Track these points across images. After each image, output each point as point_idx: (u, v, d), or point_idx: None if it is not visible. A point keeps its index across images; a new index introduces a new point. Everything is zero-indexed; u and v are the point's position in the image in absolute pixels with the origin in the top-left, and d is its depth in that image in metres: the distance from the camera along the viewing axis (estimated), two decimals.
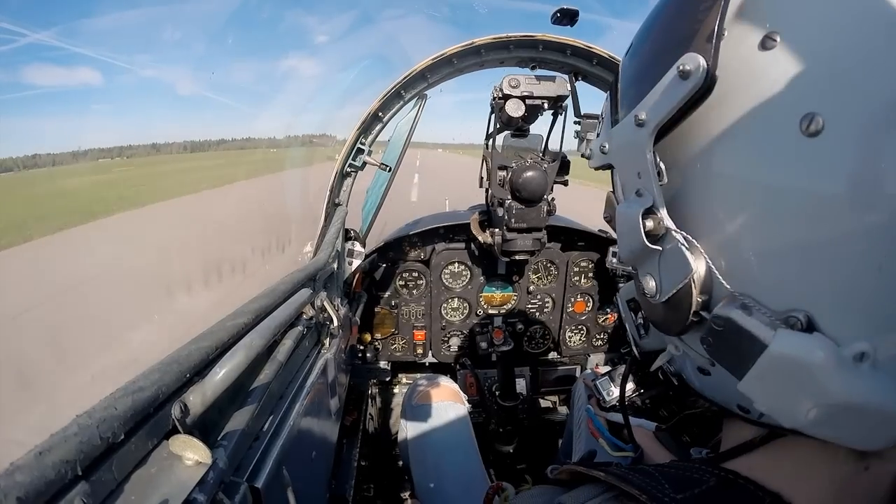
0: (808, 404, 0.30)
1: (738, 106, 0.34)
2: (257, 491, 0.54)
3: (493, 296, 1.88)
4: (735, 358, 0.35)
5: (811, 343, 0.30)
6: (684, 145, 0.39)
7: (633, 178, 0.43)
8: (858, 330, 0.29)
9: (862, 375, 0.29)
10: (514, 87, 1.28)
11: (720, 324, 0.36)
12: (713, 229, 0.37)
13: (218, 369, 0.49)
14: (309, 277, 0.92)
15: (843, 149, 0.28)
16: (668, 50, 0.38)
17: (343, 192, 1.41)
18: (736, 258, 0.35)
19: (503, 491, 0.96)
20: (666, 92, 0.37)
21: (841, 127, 0.28)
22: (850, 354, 0.29)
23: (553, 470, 0.53)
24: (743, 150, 0.34)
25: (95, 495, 0.35)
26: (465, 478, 1.24)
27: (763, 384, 0.33)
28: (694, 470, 0.39)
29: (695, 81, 0.34)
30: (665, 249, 0.40)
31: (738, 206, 0.35)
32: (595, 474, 0.43)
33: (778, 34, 0.32)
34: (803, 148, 0.30)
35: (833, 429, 0.31)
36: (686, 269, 0.37)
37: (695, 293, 0.37)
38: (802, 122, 0.29)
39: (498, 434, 1.77)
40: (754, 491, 0.36)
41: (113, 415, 0.37)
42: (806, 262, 0.31)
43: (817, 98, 0.30)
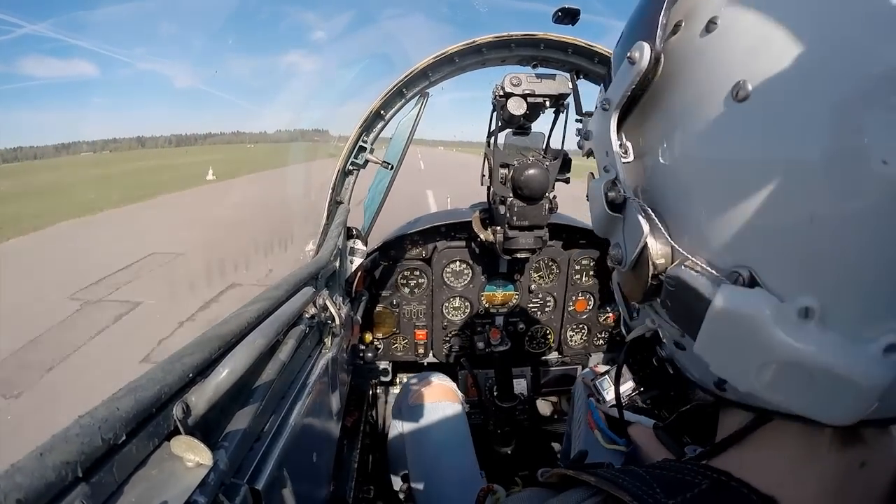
0: (755, 362, 0.31)
1: (683, 84, 0.38)
2: (258, 493, 0.54)
3: (495, 295, 1.88)
4: (689, 319, 0.37)
5: (752, 297, 0.31)
6: (645, 124, 0.43)
7: (603, 156, 0.47)
8: (802, 285, 0.30)
9: (808, 333, 0.29)
10: (516, 85, 1.28)
11: (672, 284, 0.38)
12: (668, 196, 0.40)
13: (221, 369, 0.49)
14: (311, 276, 0.92)
15: (766, 113, 0.31)
16: (627, 42, 0.42)
17: (345, 190, 1.40)
18: (687, 220, 0.38)
19: (494, 493, 0.96)
20: (621, 77, 0.42)
21: (766, 91, 0.31)
22: (793, 310, 0.29)
23: (543, 473, 0.53)
24: (688, 122, 0.37)
25: (96, 497, 0.34)
26: (460, 478, 1.24)
27: (713, 344, 0.34)
28: (686, 471, 0.39)
29: (640, 66, 0.39)
30: (625, 217, 0.44)
31: (684, 173, 0.38)
32: (584, 478, 0.43)
33: (719, 18, 0.35)
34: (735, 113, 0.33)
35: (787, 394, 0.31)
36: (640, 233, 0.40)
37: (651, 255, 0.40)
38: (733, 90, 0.32)
39: (496, 435, 1.77)
40: (748, 494, 0.35)
41: (115, 415, 0.36)
42: (745, 220, 0.32)
43: (745, 68, 0.32)
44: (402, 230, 1.84)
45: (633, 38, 0.42)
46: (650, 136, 0.43)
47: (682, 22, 0.39)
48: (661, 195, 0.42)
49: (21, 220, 10.29)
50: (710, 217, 0.35)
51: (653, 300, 0.43)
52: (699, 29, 0.37)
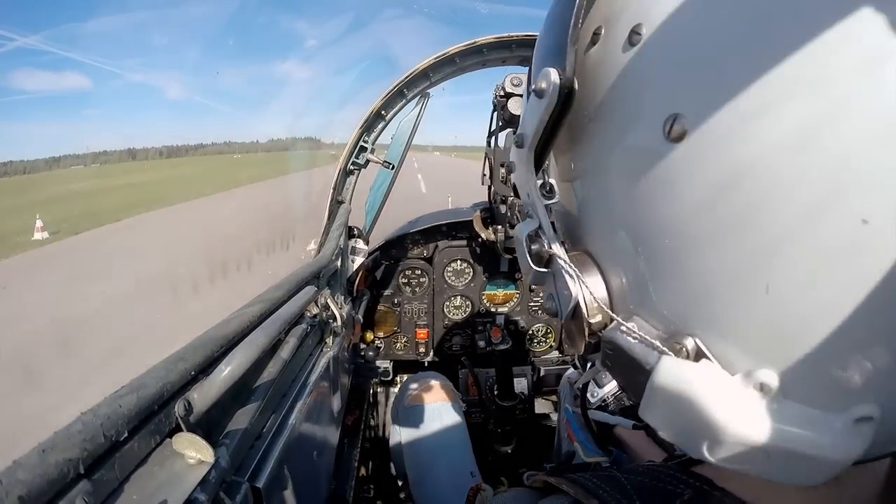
0: (705, 440, 0.27)
1: (608, 112, 0.32)
2: (258, 491, 0.54)
3: (496, 294, 1.88)
4: (630, 384, 0.33)
5: (697, 372, 0.27)
6: (568, 156, 0.37)
7: (525, 198, 0.41)
8: (757, 357, 0.26)
9: (764, 409, 0.25)
10: (517, 85, 1.28)
11: (610, 348, 0.34)
12: (602, 242, 0.35)
13: (223, 367, 0.49)
14: (313, 274, 0.92)
15: (707, 157, 0.25)
16: (536, 63, 0.36)
17: (346, 189, 1.41)
18: (625, 272, 0.33)
19: (483, 492, 0.97)
20: (531, 111, 0.35)
21: (705, 131, 0.25)
22: (746, 385, 0.26)
23: (529, 476, 0.52)
24: (615, 158, 0.31)
25: (97, 494, 0.34)
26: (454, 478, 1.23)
27: (657, 413, 0.30)
28: (669, 479, 0.37)
29: (549, 99, 0.32)
30: (554, 271, 0.38)
31: (618, 217, 0.32)
32: (564, 487, 0.41)
33: (643, 26, 0.28)
34: (668, 154, 0.26)
35: (744, 465, 0.27)
36: (570, 296, 0.36)
37: (586, 315, 0.35)
38: (665, 125, 0.26)
39: (496, 434, 1.77)
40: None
41: (117, 412, 0.36)
42: (689, 282, 0.28)
43: (679, 96, 0.26)
44: (404, 229, 1.84)
45: (538, 62, 0.35)
46: (576, 170, 0.37)
47: (601, 29, 0.32)
48: (592, 237, 0.37)
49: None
50: (649, 275, 0.31)
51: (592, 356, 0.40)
52: (621, 40, 0.30)
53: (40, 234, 10.58)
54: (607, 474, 0.40)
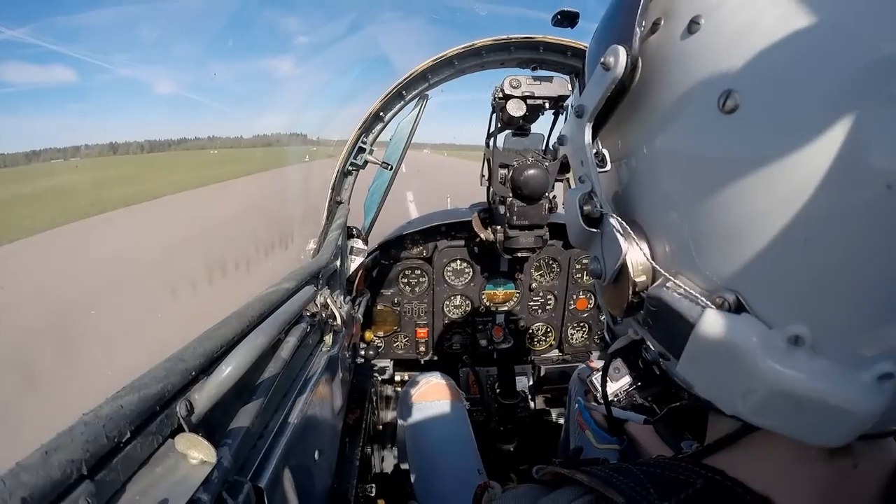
0: (741, 389, 0.30)
1: (665, 92, 0.35)
2: (260, 490, 0.54)
3: (496, 293, 1.88)
4: (671, 339, 0.35)
5: (738, 324, 0.29)
6: (623, 132, 0.41)
7: (579, 166, 0.44)
8: (792, 312, 0.28)
9: (797, 361, 0.27)
10: (516, 87, 1.28)
11: (654, 304, 0.36)
12: (651, 212, 0.38)
13: (223, 367, 0.49)
14: (312, 275, 0.92)
15: (757, 125, 0.28)
16: (602, 43, 0.39)
17: (345, 190, 1.41)
18: (671, 239, 0.36)
19: (491, 489, 0.97)
20: (595, 83, 0.39)
21: (756, 104, 0.28)
22: (782, 337, 0.28)
23: (538, 470, 0.53)
24: (670, 133, 0.35)
25: (100, 495, 0.34)
26: (459, 475, 1.24)
27: (697, 368, 0.33)
28: (681, 470, 0.38)
29: (615, 73, 0.36)
30: (603, 232, 0.41)
31: (668, 188, 0.36)
32: (577, 477, 0.42)
33: (703, 17, 0.32)
34: (721, 125, 0.30)
35: (776, 419, 0.29)
36: (619, 251, 0.38)
37: (631, 274, 0.38)
38: (720, 100, 0.30)
39: (498, 432, 1.78)
40: (742, 494, 0.35)
41: (119, 413, 0.36)
42: (732, 241, 0.30)
43: (734, 75, 0.29)
44: (403, 229, 1.84)
45: (607, 39, 0.39)
46: (629, 144, 0.40)
47: (660, 20, 0.36)
48: (640, 207, 0.39)
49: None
50: (694, 236, 0.33)
51: (635, 314, 0.42)
52: (680, 29, 0.33)
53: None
54: (619, 466, 0.42)
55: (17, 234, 10.92)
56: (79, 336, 4.84)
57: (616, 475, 0.39)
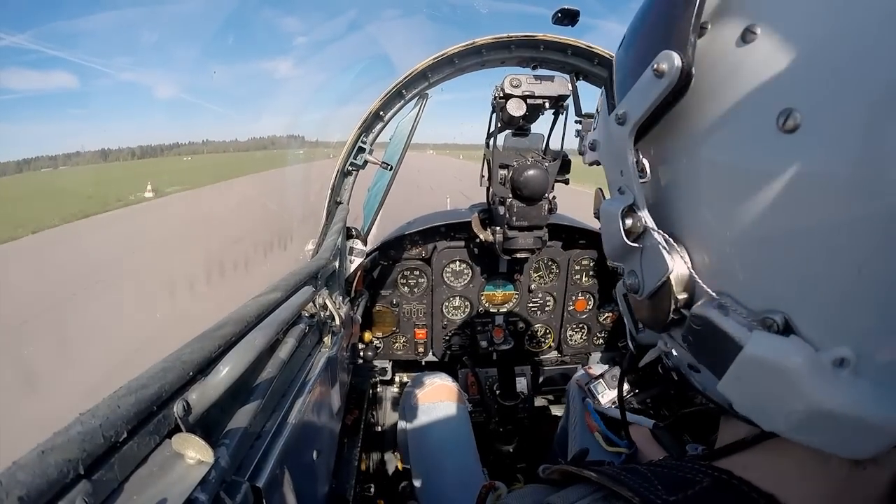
0: (785, 409, 0.30)
1: (717, 102, 0.34)
2: (258, 490, 0.54)
3: (495, 294, 1.88)
4: (714, 358, 0.35)
5: (787, 346, 0.30)
6: (667, 142, 0.39)
7: (617, 175, 0.43)
8: (839, 335, 0.28)
9: (841, 382, 0.28)
10: (516, 86, 1.28)
11: (698, 323, 0.36)
12: (694, 227, 0.37)
13: (221, 367, 0.49)
14: (311, 275, 0.92)
15: (819, 147, 0.27)
16: (649, 46, 0.37)
17: (344, 190, 1.41)
18: (716, 256, 0.35)
19: (496, 490, 0.96)
20: (643, 90, 0.37)
21: (819, 123, 0.27)
22: (828, 360, 0.28)
23: (545, 469, 0.53)
24: (722, 146, 0.34)
25: (97, 495, 0.34)
26: (463, 477, 1.24)
27: (740, 386, 0.33)
28: (687, 470, 0.39)
29: (669, 80, 0.34)
30: (645, 247, 0.40)
31: (716, 204, 0.35)
32: (586, 474, 0.43)
33: (758, 27, 0.31)
34: (780, 145, 0.29)
35: (813, 435, 0.30)
36: (663, 269, 0.37)
37: (674, 291, 0.37)
38: (779, 118, 0.29)
39: (498, 433, 1.77)
40: (748, 492, 0.35)
41: (116, 413, 0.36)
42: (783, 263, 0.30)
43: (795, 93, 0.28)
44: (402, 230, 1.84)
45: (654, 42, 0.37)
46: (675, 156, 0.38)
47: (708, 24, 0.34)
48: (683, 221, 0.38)
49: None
50: (743, 256, 0.33)
51: (671, 330, 0.41)
52: (733, 37, 0.32)
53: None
54: (626, 466, 0.42)
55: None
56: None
57: (624, 473, 0.40)
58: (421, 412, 1.39)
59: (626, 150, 0.40)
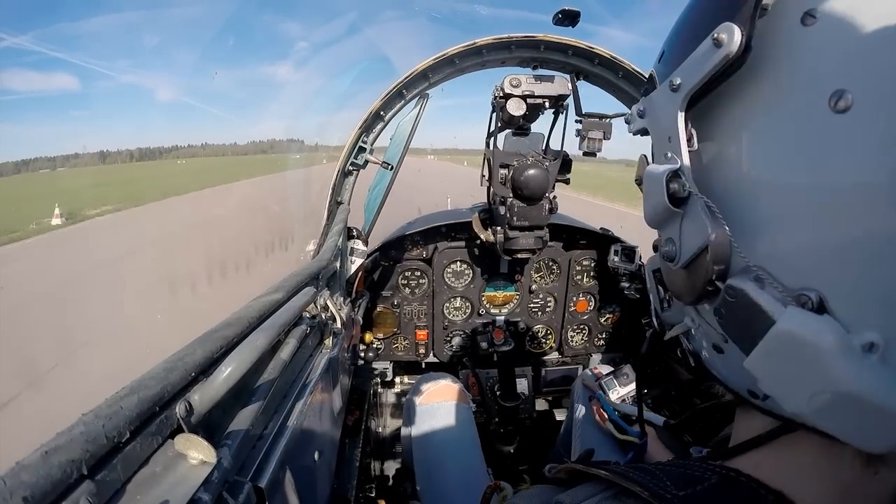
0: (811, 389, 0.30)
1: (771, 80, 0.34)
2: (261, 491, 0.54)
3: (496, 295, 1.88)
4: (745, 332, 0.35)
5: (820, 324, 0.30)
6: (717, 114, 0.39)
7: (664, 142, 0.43)
8: (871, 319, 0.29)
9: (869, 367, 0.28)
10: (516, 86, 1.28)
11: (732, 295, 0.36)
12: (736, 199, 0.37)
13: (223, 368, 0.49)
14: (312, 276, 0.92)
15: (869, 130, 0.28)
16: (709, 17, 0.38)
17: (345, 190, 1.41)
18: (755, 230, 0.35)
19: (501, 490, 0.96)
20: (700, 59, 0.37)
21: (870, 106, 0.28)
22: (858, 343, 0.28)
23: (551, 469, 0.53)
24: (772, 124, 0.34)
25: (101, 495, 0.34)
26: (467, 478, 1.24)
27: (769, 363, 0.33)
28: (696, 468, 0.39)
29: (727, 51, 0.34)
30: (686, 213, 0.40)
31: (762, 179, 0.35)
32: (595, 472, 0.43)
33: (818, 11, 0.31)
34: (830, 125, 0.30)
35: (834, 420, 0.30)
36: (703, 234, 0.37)
37: (711, 261, 0.37)
38: (832, 99, 0.29)
39: (499, 434, 1.77)
40: (756, 489, 0.35)
41: (119, 414, 0.36)
42: (824, 243, 0.30)
43: (848, 75, 0.29)
44: (403, 230, 1.84)
45: (714, 14, 0.37)
46: (724, 129, 0.39)
47: (767, 5, 0.35)
48: (727, 195, 0.38)
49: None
50: (783, 231, 0.33)
51: (703, 303, 0.41)
52: (793, 19, 0.33)
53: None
54: (634, 465, 0.42)
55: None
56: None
57: (632, 471, 0.40)
58: (424, 412, 1.38)
59: (676, 116, 0.41)
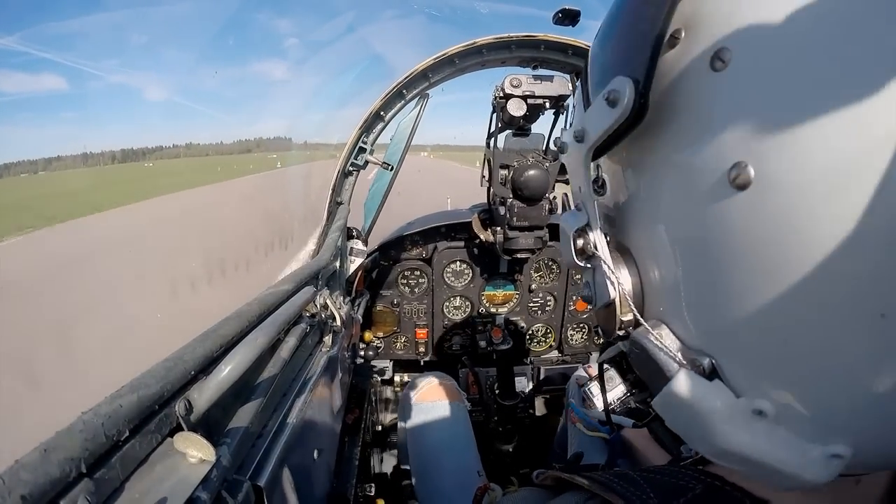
0: (706, 443, 0.32)
1: (674, 132, 0.32)
2: (260, 489, 0.54)
3: (495, 294, 1.88)
4: (648, 379, 0.37)
5: (707, 390, 0.31)
6: (623, 162, 0.39)
7: (576, 189, 0.43)
8: (762, 386, 0.29)
9: (756, 430, 0.29)
10: (516, 86, 1.28)
11: (636, 347, 0.37)
12: (644, 248, 0.38)
13: (222, 367, 0.49)
14: (312, 275, 0.92)
15: (764, 219, 0.25)
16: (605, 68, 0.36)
17: (345, 190, 1.41)
18: (660, 283, 0.36)
19: (492, 491, 0.97)
20: (597, 115, 0.35)
21: (771, 184, 0.25)
22: (748, 408, 0.29)
23: (538, 475, 0.53)
24: (674, 180, 0.32)
25: (99, 493, 0.34)
26: (459, 476, 1.24)
27: (669, 410, 0.34)
28: (681, 476, 0.39)
29: (621, 110, 0.32)
30: (595, 269, 0.41)
31: (662, 238, 0.34)
32: (578, 482, 0.43)
33: (729, 53, 0.27)
34: (728, 197, 0.27)
35: (735, 465, 0.31)
36: (607, 294, 0.39)
37: (618, 314, 0.38)
38: (731, 171, 0.26)
39: (498, 433, 1.78)
40: (741, 498, 0.35)
41: (118, 412, 0.36)
42: (719, 309, 0.30)
43: (750, 148, 0.26)
44: (402, 230, 1.85)
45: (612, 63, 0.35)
46: (629, 178, 0.38)
47: (680, 32, 0.31)
48: (636, 241, 0.38)
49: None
50: (684, 293, 0.33)
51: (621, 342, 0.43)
52: (702, 59, 0.29)
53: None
54: (619, 472, 0.42)
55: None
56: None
57: (616, 480, 0.40)
58: (419, 411, 1.39)
59: (583, 168, 0.40)
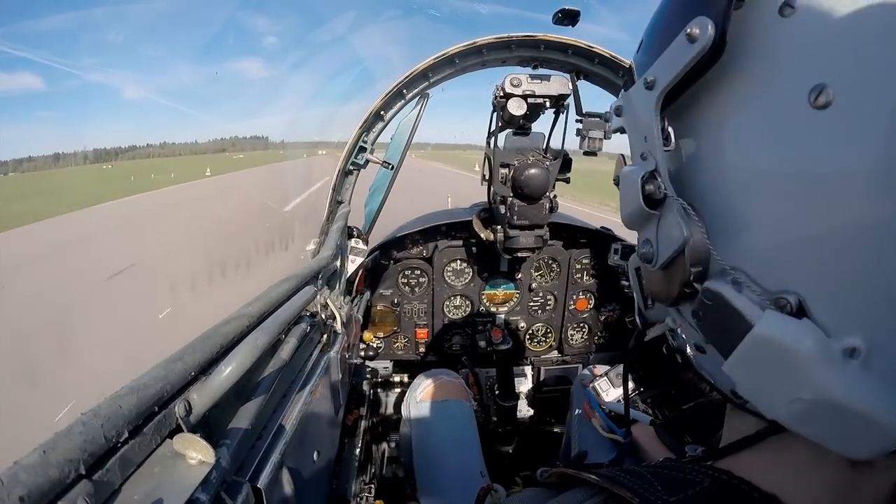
0: (790, 395, 0.29)
1: (748, 75, 0.33)
2: (259, 491, 0.54)
3: (496, 293, 1.88)
4: (722, 336, 0.34)
5: (798, 329, 0.29)
6: (694, 111, 0.38)
7: (641, 141, 0.42)
8: (852, 324, 0.28)
9: (849, 373, 0.27)
10: (516, 86, 1.28)
11: (710, 298, 0.35)
12: (714, 199, 0.36)
13: (223, 367, 0.49)
14: (312, 275, 0.92)
15: (850, 127, 0.27)
16: (682, 12, 0.36)
17: (345, 189, 1.41)
18: (734, 230, 0.34)
19: (495, 492, 0.96)
20: (674, 55, 0.36)
21: (851, 103, 0.27)
22: (839, 348, 0.27)
23: (543, 472, 0.53)
24: (749, 120, 0.33)
25: (98, 495, 0.34)
26: (462, 476, 1.24)
27: (746, 367, 0.32)
28: (688, 471, 0.38)
29: (701, 46, 0.33)
30: (663, 215, 0.39)
31: (739, 178, 0.34)
32: (585, 476, 0.42)
33: (797, 1, 0.30)
34: (810, 122, 0.28)
35: (814, 427, 0.30)
36: (680, 237, 0.36)
37: (688, 263, 0.36)
38: (811, 94, 0.28)
39: (497, 434, 1.77)
40: (749, 492, 0.35)
41: (117, 413, 0.36)
42: (803, 243, 0.29)
43: (830, 69, 0.28)
44: (403, 229, 1.84)
45: (689, 7, 0.36)
46: (701, 126, 0.38)
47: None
48: (704, 194, 0.37)
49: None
50: (762, 232, 0.32)
51: (681, 305, 0.41)
52: (771, 11, 0.31)
53: None
54: (626, 468, 0.42)
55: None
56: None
57: (624, 475, 0.39)
58: (424, 409, 1.38)
59: (652, 115, 0.39)
